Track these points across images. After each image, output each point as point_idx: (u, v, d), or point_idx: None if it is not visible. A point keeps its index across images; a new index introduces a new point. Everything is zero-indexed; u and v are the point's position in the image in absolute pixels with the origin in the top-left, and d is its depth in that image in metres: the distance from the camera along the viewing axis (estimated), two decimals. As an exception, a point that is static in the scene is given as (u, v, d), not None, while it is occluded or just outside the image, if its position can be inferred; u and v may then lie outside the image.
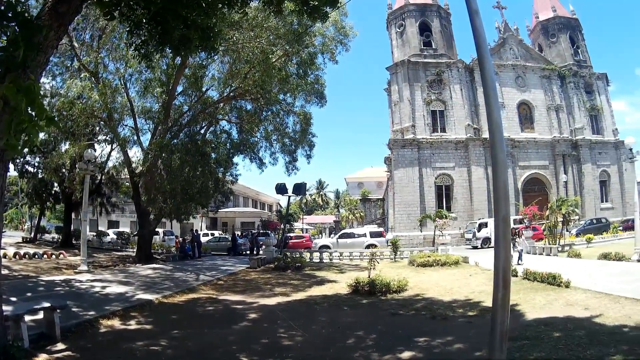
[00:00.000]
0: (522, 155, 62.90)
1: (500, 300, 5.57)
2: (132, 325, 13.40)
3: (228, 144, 34.67)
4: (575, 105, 66.37)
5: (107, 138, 36.08)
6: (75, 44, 29.18)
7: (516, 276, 21.44)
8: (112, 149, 37.01)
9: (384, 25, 70.96)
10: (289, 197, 37.01)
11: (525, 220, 45.50)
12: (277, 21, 25.77)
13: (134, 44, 11.36)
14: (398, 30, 66.93)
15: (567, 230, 41.67)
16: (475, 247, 45.99)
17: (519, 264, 25.27)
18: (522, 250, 27.69)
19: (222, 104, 33.00)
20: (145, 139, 33.13)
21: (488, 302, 9.20)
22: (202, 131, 33.33)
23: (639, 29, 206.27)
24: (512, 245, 25.72)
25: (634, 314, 12.55)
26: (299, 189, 36.25)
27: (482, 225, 47.22)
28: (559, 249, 34.26)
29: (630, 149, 28.66)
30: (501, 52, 66.20)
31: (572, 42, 71.18)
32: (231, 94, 31.98)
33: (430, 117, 62.24)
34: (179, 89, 31.85)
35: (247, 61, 27.84)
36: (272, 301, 18.26)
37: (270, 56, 27.23)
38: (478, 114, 60.98)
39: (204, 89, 32.62)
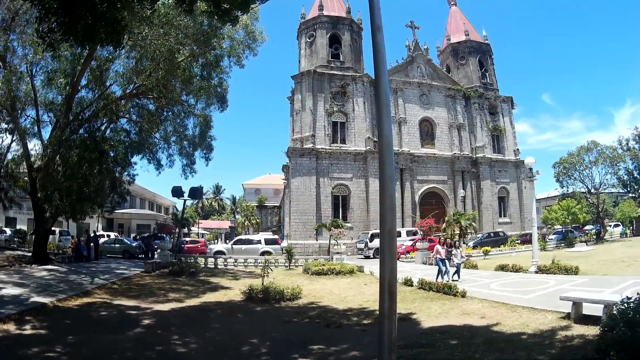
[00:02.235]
0: (421, 169, 67.51)
1: (387, 310, 5.72)
2: (28, 330, 13.57)
3: (127, 143, 34.05)
4: (478, 124, 72.53)
5: (7, 127, 34.53)
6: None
7: (412, 285, 22.94)
8: (12, 141, 35.51)
9: (295, 33, 73.03)
10: (185, 200, 36.69)
11: (419, 232, 46.65)
12: (188, 20, 25.58)
13: (40, 31, 10.93)
14: (308, 40, 69.43)
15: (464, 243, 43.45)
16: (367, 257, 48.63)
17: (454, 280, 24.61)
18: (459, 264, 26.46)
19: (124, 101, 32.74)
20: (46, 132, 32.75)
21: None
22: (103, 128, 32.72)
23: (549, 58, 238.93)
24: (449, 259, 25.42)
25: (531, 322, 13.44)
26: (195, 192, 36.71)
27: (375, 236, 48.82)
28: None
29: (530, 169, 30.49)
30: (408, 70, 71.07)
31: (481, 66, 77.43)
32: (134, 91, 32.00)
33: (331, 128, 64.99)
34: (83, 82, 30.88)
35: (153, 58, 27.57)
36: (166, 307, 18.76)
37: (176, 55, 27.33)
38: (380, 128, 62.00)
39: (107, 84, 32.02)
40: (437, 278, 24.19)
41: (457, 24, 79.52)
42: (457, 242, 30.20)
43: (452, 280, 24.19)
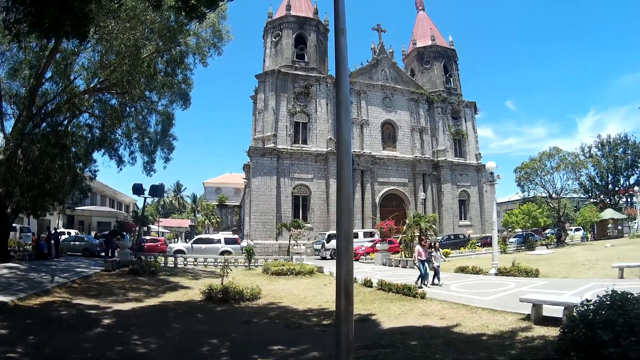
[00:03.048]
0: (382, 171, 68.64)
1: (344, 312, 5.87)
2: (-11, 329, 13.56)
3: (89, 139, 33.87)
4: (440, 128, 74.34)
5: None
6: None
7: (371, 286, 23.08)
8: (-26, 134, 34.83)
9: (260, 32, 73.26)
10: (145, 198, 36.34)
11: (377, 234, 46.83)
12: (154, 15, 25.28)
13: (7, 21, 10.68)
14: (274, 39, 70.10)
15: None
16: (324, 258, 49.12)
17: (434, 284, 23.64)
18: (439, 266, 24.96)
19: (87, 96, 32.09)
20: (10, 125, 31.91)
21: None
22: (65, 122, 32.11)
23: (514, 66, 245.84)
24: (429, 261, 24.58)
25: (491, 324, 13.64)
26: (156, 190, 36.58)
27: (332, 237, 48.79)
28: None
29: (491, 173, 30.61)
30: (372, 73, 72.31)
31: (445, 71, 79.02)
32: (98, 85, 31.57)
33: (293, 128, 65.75)
34: (48, 74, 30.37)
35: (118, 53, 27.24)
36: (126, 306, 18.80)
37: (141, 50, 26.93)
38: (341, 130, 62.58)
39: (72, 78, 31.62)
40: (417, 281, 22.73)
41: (424, 28, 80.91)
42: (437, 244, 29.26)
43: (433, 284, 23.39)
